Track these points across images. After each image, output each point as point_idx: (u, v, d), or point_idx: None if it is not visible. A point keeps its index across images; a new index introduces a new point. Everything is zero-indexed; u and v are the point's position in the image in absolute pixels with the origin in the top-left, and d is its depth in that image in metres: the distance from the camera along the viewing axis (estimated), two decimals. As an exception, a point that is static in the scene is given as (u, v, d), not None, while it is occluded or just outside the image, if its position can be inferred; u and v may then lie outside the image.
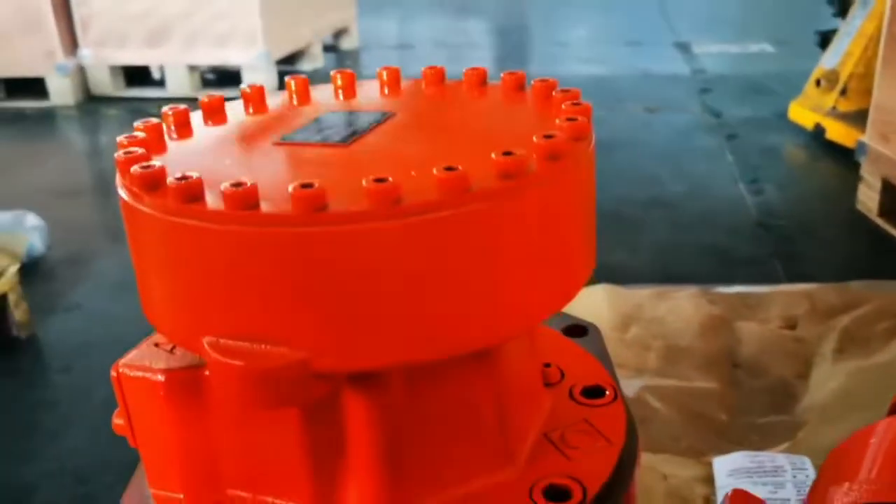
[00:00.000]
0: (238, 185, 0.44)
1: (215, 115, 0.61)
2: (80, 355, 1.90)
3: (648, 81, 4.04)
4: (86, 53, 3.96)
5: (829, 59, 3.05)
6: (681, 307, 1.51)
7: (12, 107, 3.99)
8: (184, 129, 0.58)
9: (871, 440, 0.66)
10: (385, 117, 0.59)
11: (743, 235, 2.32)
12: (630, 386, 1.28)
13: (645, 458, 1.11)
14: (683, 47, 4.64)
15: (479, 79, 0.66)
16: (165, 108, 0.58)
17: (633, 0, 6.31)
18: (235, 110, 0.62)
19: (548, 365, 0.69)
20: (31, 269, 2.24)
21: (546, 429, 0.62)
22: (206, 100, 0.61)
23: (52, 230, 2.41)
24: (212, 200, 0.45)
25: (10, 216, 2.28)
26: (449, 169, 0.44)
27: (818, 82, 3.03)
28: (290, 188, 0.44)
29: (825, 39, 3.19)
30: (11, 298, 1.88)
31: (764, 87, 3.77)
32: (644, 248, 2.27)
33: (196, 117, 0.60)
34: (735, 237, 2.31)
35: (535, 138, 0.48)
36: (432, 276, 0.45)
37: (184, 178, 0.46)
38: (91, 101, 4.01)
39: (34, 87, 3.98)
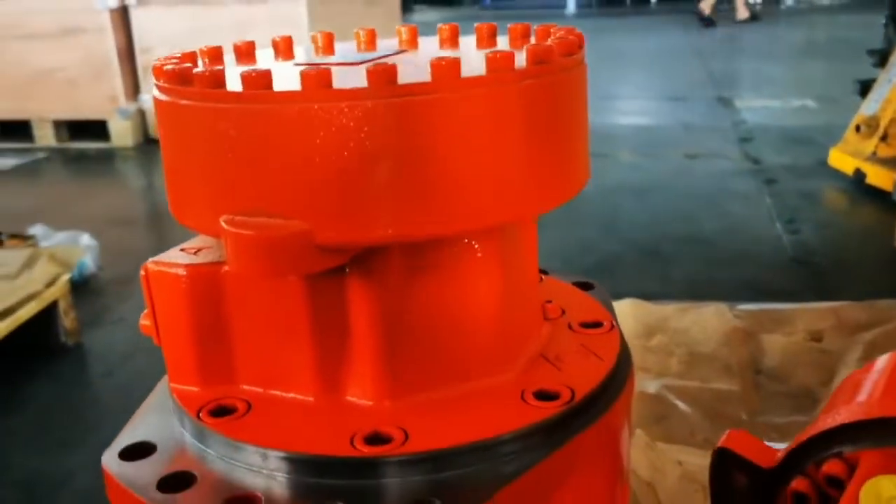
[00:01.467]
0: (254, 71, 0.50)
1: (245, 56, 0.67)
2: (121, 363, 1.97)
3: (689, 132, 4.08)
4: (147, 98, 4.15)
5: (869, 106, 3.07)
6: (705, 319, 1.52)
7: (75, 147, 4.20)
8: (216, 59, 0.64)
9: (872, 371, 0.68)
10: (399, 51, 0.64)
11: (777, 270, 2.31)
12: (650, 385, 1.29)
13: (661, 447, 1.12)
14: (725, 102, 4.69)
15: (490, 31, 0.71)
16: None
17: (676, 59, 6.41)
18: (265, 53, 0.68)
19: (549, 302, 0.72)
20: (82, 286, 2.34)
21: (543, 351, 0.66)
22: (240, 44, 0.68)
23: (105, 253, 2.53)
24: (232, 86, 0.51)
25: (66, 234, 2.40)
26: (444, 60, 0.50)
27: (858, 128, 3.04)
28: (299, 72, 0.49)
29: (865, 88, 3.21)
30: (62, 306, 1.97)
31: (805, 138, 3.78)
32: (678, 279, 2.29)
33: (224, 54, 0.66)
34: (769, 271, 2.31)
35: (526, 47, 0.54)
36: (427, 152, 0.50)
37: (209, 70, 0.52)
38: (149, 144, 4.20)
39: (96, 129, 4.18)
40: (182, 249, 0.63)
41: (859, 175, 2.96)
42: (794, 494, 0.64)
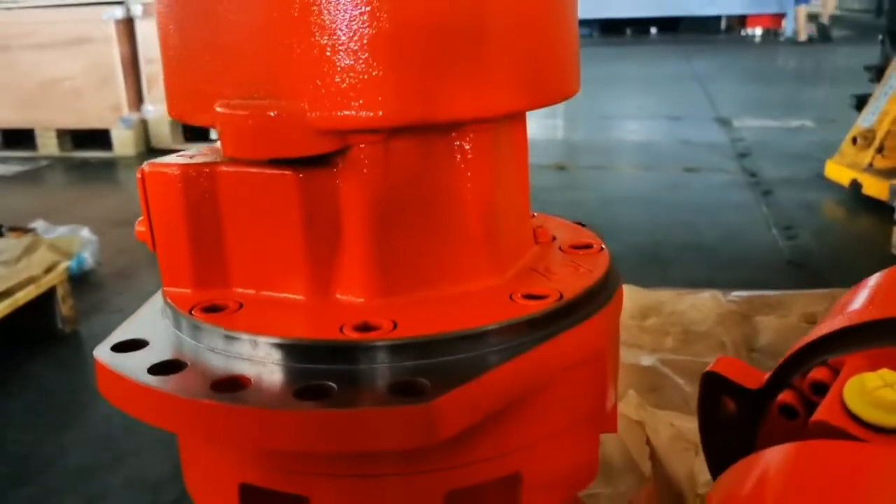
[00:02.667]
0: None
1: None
2: (118, 349, 1.97)
3: (688, 147, 4.11)
4: (149, 108, 4.20)
5: (865, 119, 3.10)
6: (701, 303, 1.52)
7: (78, 156, 4.23)
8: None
9: (858, 289, 0.69)
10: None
11: (774, 271, 2.32)
12: (645, 360, 1.29)
13: (653, 410, 1.12)
14: (724, 122, 4.73)
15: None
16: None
17: (676, 84, 6.46)
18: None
19: (541, 227, 0.73)
20: (80, 280, 2.35)
21: (533, 265, 0.66)
22: None
23: (104, 250, 2.54)
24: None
25: (66, 229, 2.41)
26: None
27: (854, 140, 3.06)
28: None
29: (861, 102, 3.24)
30: (60, 293, 1.98)
31: (802, 154, 3.80)
32: (677, 279, 2.29)
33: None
34: (766, 272, 2.32)
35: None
36: (422, 30, 0.51)
37: (209, -41, 0.54)
38: (151, 153, 4.23)
39: (99, 139, 4.21)
40: (178, 156, 0.64)
41: (855, 186, 2.98)
42: (781, 408, 0.64)
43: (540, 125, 4.98)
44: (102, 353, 0.58)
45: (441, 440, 0.50)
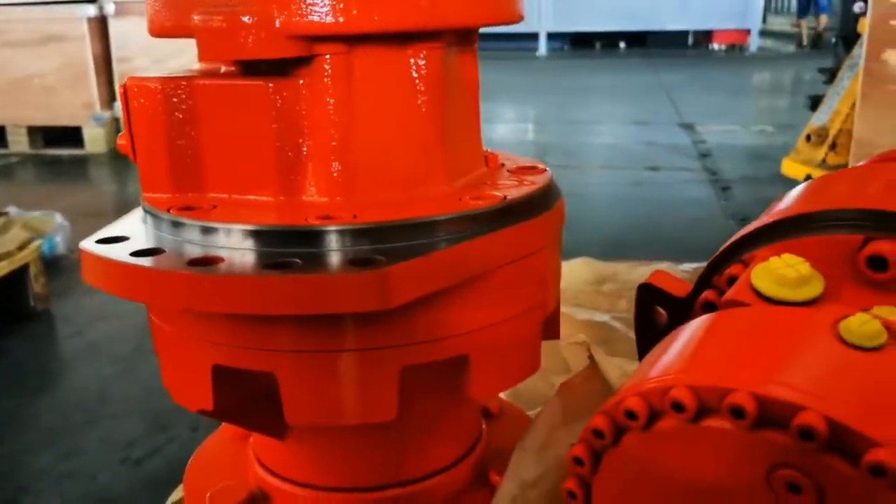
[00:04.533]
0: None
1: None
2: (91, 324, 2.01)
3: (653, 149, 4.22)
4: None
5: (819, 117, 3.22)
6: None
7: (49, 154, 4.24)
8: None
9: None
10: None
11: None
12: (599, 317, 1.37)
13: (602, 356, 1.19)
14: (687, 127, 4.86)
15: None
16: None
17: (643, 93, 6.60)
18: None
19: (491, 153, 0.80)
20: (52, 264, 2.39)
21: (482, 180, 0.73)
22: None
23: (75, 239, 2.57)
24: None
25: (39, 213, 2.44)
26: None
27: (808, 138, 3.18)
28: None
29: (815, 102, 3.37)
30: (32, 271, 2.01)
31: (761, 155, 3.93)
32: (636, 264, 2.37)
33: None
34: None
35: None
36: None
37: None
38: (123, 151, 4.25)
39: (71, 136, 4.23)
40: (158, 73, 0.70)
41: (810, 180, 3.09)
42: (703, 305, 0.71)
43: (511, 129, 5.08)
44: (88, 245, 0.64)
45: (393, 306, 0.57)
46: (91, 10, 4.10)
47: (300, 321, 0.61)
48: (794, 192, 0.74)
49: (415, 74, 0.66)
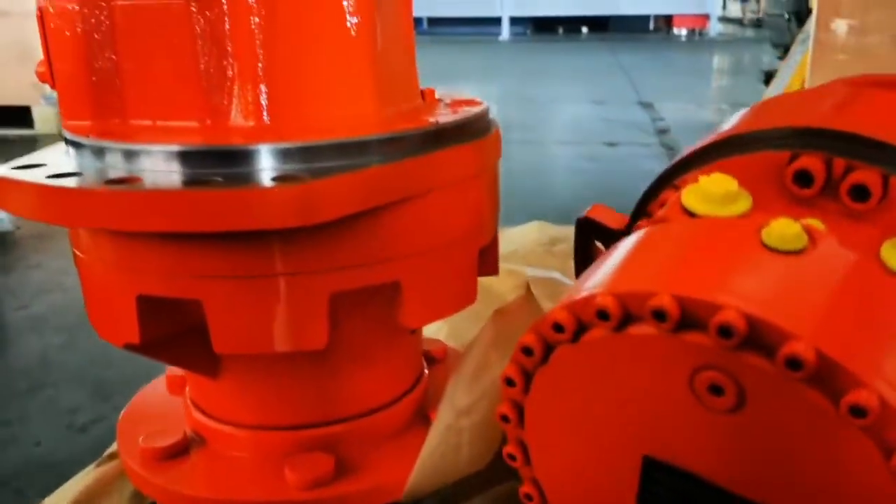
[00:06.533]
0: None
1: None
2: (37, 297, 1.96)
3: (610, 125, 4.24)
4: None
5: (772, 91, 3.25)
6: (606, 233, 1.60)
7: (-3, 134, 4.13)
8: None
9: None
10: None
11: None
12: (550, 274, 1.37)
13: (539, 289, 1.18)
14: (646, 105, 4.88)
15: None
16: None
17: (602, 74, 6.63)
18: None
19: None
20: (-2, 240, 2.33)
21: (416, 111, 0.72)
22: None
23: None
24: None
25: (-17, 187, 2.38)
26: None
27: (762, 112, 3.22)
28: None
29: (769, 77, 3.41)
30: (-25, 244, 1.95)
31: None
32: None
33: None
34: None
35: None
36: None
37: None
38: (75, 131, 4.15)
39: (19, 116, 4.12)
40: (77, -2, 0.67)
41: (764, 154, 3.13)
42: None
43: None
44: (3, 171, 0.62)
45: (316, 222, 0.55)
46: (39, -15, 3.98)
47: (226, 246, 0.59)
48: (736, 116, 0.74)
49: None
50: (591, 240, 0.79)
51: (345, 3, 0.64)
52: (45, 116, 4.08)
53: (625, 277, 0.53)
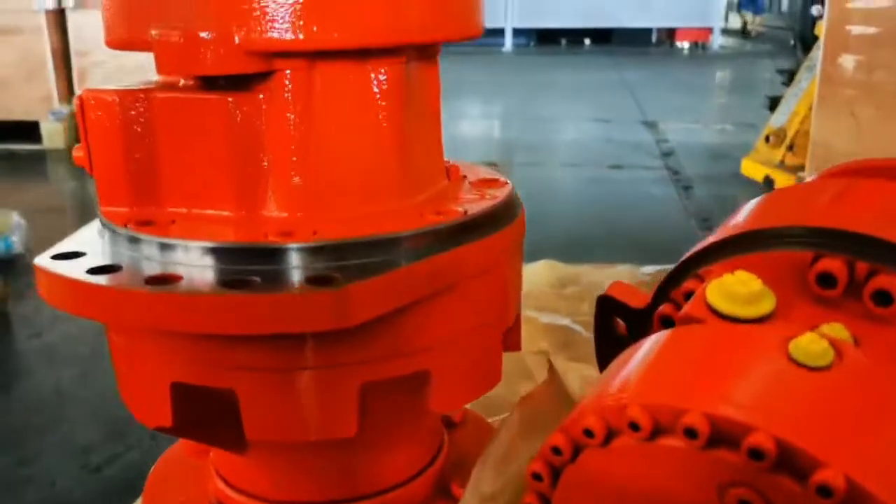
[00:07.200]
0: None
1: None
2: (50, 326, 1.98)
3: (615, 147, 4.26)
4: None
5: (777, 119, 3.27)
6: (618, 274, 1.62)
7: (4, 149, 4.15)
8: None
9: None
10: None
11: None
12: (560, 321, 1.38)
13: (563, 363, 1.20)
14: (650, 125, 4.91)
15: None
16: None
17: (606, 91, 6.65)
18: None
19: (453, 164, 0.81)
20: (8, 264, 2.34)
21: (443, 194, 0.73)
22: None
23: (33, 236, 2.53)
24: None
25: (-6, 211, 2.40)
26: None
27: (767, 139, 3.24)
28: None
29: (774, 102, 3.43)
30: (-11, 271, 1.97)
31: (722, 154, 3.99)
32: (599, 259, 2.40)
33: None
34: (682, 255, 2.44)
35: None
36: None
37: None
38: (82, 147, 4.17)
39: (27, 131, 4.14)
40: (115, 85, 0.69)
41: (768, 181, 3.15)
42: (660, 319, 0.72)
43: (476, 125, 5.09)
44: (43, 261, 0.63)
45: (353, 324, 0.57)
46: (49, 2, 4.01)
47: (260, 341, 0.60)
48: (749, 206, 0.75)
49: (375, 89, 0.66)
50: (611, 317, 0.80)
51: (377, 96, 0.66)
52: (52, 132, 4.10)
53: (655, 386, 0.54)
